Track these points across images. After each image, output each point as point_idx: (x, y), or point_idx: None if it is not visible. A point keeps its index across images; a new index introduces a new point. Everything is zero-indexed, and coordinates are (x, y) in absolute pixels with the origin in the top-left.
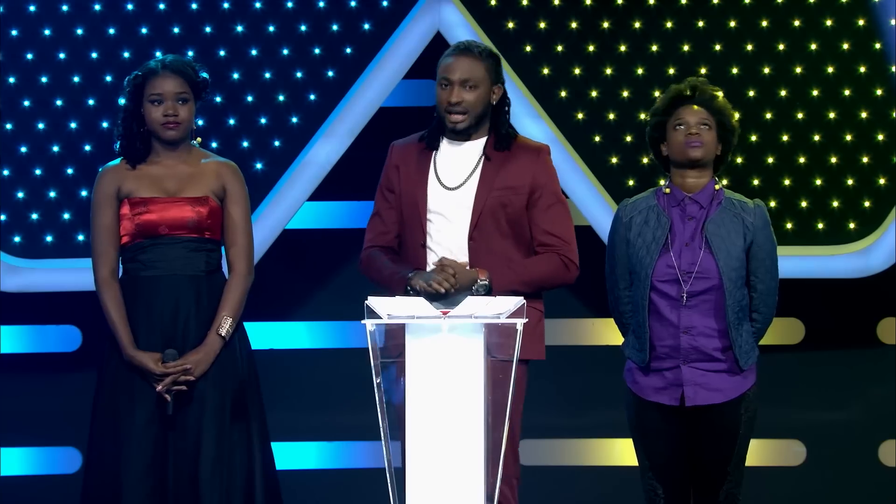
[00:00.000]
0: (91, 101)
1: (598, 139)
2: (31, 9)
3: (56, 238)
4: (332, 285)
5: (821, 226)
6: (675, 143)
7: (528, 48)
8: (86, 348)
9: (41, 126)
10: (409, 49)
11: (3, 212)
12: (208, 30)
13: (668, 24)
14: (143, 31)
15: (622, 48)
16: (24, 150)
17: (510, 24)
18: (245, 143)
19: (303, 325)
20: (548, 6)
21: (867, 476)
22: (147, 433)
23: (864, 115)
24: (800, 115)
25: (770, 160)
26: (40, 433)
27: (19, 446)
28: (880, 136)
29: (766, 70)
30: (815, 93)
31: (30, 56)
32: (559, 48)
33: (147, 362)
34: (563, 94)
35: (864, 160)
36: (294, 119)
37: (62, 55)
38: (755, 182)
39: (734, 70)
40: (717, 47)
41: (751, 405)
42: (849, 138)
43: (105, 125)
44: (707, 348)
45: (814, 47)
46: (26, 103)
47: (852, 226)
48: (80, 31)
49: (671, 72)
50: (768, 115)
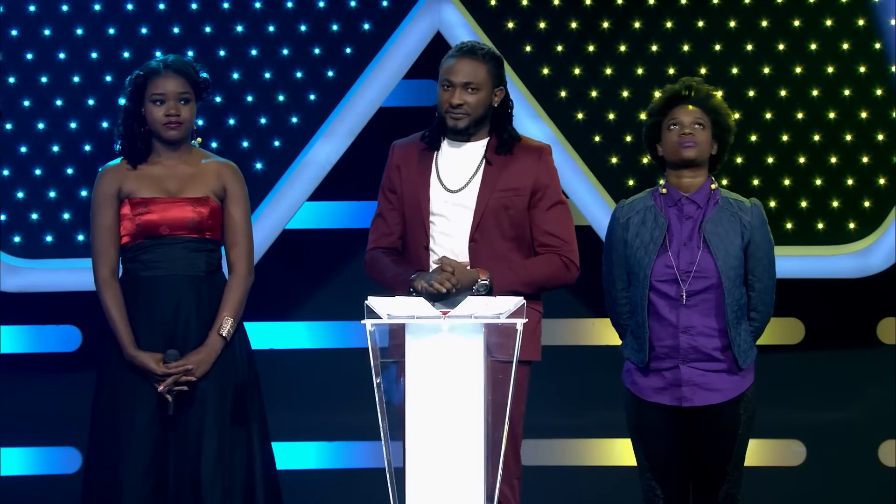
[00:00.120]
0: (91, 101)
1: (598, 139)
2: (31, 9)
3: (56, 238)
4: (332, 285)
5: (821, 226)
6: (670, 143)
7: (528, 48)
8: (86, 348)
9: (41, 126)
10: (409, 49)
11: (3, 212)
12: (208, 30)
13: (668, 24)
14: (143, 31)
15: (622, 48)
16: (24, 150)
17: (510, 24)
18: (245, 143)
19: (303, 325)
20: (548, 6)
21: (867, 476)
22: (148, 433)
23: (864, 115)
24: (800, 115)
25: (770, 160)
26: (40, 433)
27: (19, 446)
28: (880, 136)
29: (766, 70)
30: (815, 93)
31: (30, 56)
32: (559, 48)
33: (148, 363)
34: (563, 94)
35: (864, 160)
36: (294, 119)
37: (62, 55)
38: (755, 182)
39: (734, 70)
40: (717, 47)
41: (749, 405)
42: (849, 138)
43: (105, 125)
44: (706, 348)
45: (814, 47)
46: (26, 103)
47: (852, 226)
48: (80, 31)
49: (671, 72)
50: (768, 115)
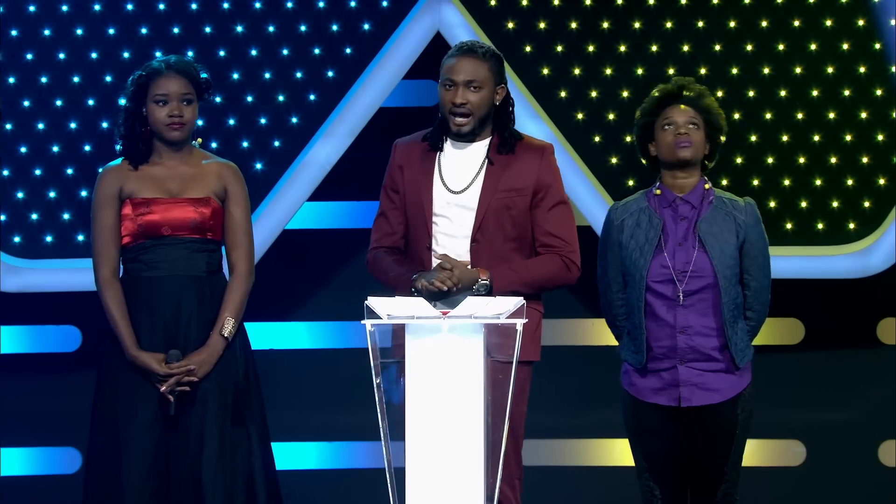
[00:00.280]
0: (91, 101)
1: (598, 139)
2: (31, 9)
3: (56, 238)
4: (332, 285)
5: (821, 226)
6: (665, 144)
7: (528, 48)
8: (85, 348)
9: (41, 126)
10: (409, 49)
11: (3, 212)
12: (208, 30)
13: (668, 24)
14: (143, 31)
15: (622, 48)
16: (24, 150)
17: (510, 24)
18: (245, 143)
19: (303, 325)
20: (548, 6)
21: (867, 476)
22: (150, 434)
23: (864, 115)
24: (800, 115)
25: (770, 160)
26: (40, 433)
27: (19, 446)
28: (880, 137)
29: (766, 70)
30: (815, 93)
31: (30, 56)
32: (559, 48)
33: (151, 363)
34: (563, 94)
35: (864, 160)
36: (294, 119)
37: (62, 55)
38: (755, 182)
39: (734, 70)
40: (717, 47)
41: (747, 405)
42: (849, 138)
43: (105, 125)
44: (704, 347)
45: (814, 47)
46: (26, 103)
47: (852, 226)
48: (80, 31)
49: (671, 72)
50: (768, 115)
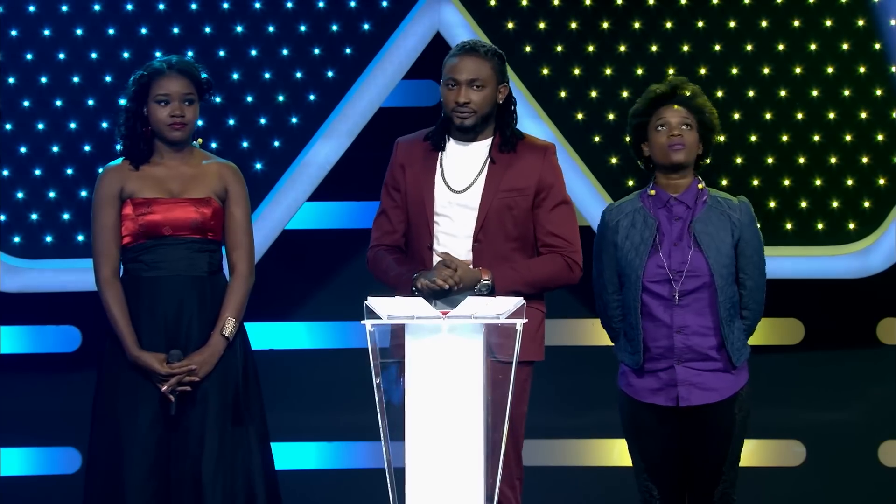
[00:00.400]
0: (91, 102)
1: (598, 139)
2: (31, 9)
3: (56, 238)
4: (332, 285)
5: (821, 226)
6: (658, 145)
7: (528, 48)
8: (85, 348)
9: (41, 126)
10: (409, 49)
11: (3, 212)
12: (208, 30)
13: (668, 25)
14: (143, 31)
15: (622, 48)
16: (24, 150)
17: (510, 24)
18: (245, 144)
19: (303, 325)
20: (548, 6)
21: (867, 476)
22: (151, 435)
23: (864, 115)
24: (800, 115)
25: (770, 160)
26: (40, 433)
27: (19, 446)
28: (880, 137)
29: (766, 70)
30: (815, 93)
31: (30, 56)
32: (559, 48)
33: (152, 363)
34: (563, 94)
35: (864, 160)
36: (294, 119)
37: (62, 55)
38: (755, 182)
39: (734, 70)
40: (717, 47)
41: (744, 405)
42: (849, 138)
43: (105, 125)
44: (701, 347)
45: (814, 47)
46: (26, 103)
47: (852, 226)
48: (80, 32)
49: (671, 72)
50: (768, 115)
